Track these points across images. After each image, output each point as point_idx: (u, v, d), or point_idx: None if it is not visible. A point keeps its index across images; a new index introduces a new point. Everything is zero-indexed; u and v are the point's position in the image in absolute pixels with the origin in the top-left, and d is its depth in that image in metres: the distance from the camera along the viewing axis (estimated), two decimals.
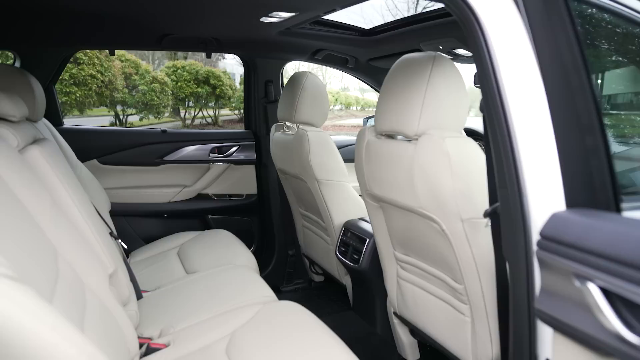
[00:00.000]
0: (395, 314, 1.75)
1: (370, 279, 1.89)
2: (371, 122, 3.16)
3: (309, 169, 1.99)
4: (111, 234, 1.68)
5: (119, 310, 1.29)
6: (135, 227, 2.49)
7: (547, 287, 0.71)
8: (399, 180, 1.35)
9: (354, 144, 2.89)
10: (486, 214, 1.12)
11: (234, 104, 10.24)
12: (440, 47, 1.96)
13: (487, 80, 0.96)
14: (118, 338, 1.23)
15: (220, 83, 9.35)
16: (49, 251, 1.08)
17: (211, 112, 10.27)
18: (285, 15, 1.63)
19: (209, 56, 2.41)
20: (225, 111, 10.67)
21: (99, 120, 7.88)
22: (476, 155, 1.22)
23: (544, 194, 0.89)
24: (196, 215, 2.65)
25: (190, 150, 2.58)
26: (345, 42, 2.28)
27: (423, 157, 1.24)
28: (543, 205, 0.89)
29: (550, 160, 0.87)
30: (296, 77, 2.07)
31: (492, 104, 0.96)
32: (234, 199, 2.71)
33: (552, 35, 0.73)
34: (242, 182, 2.70)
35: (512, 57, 0.93)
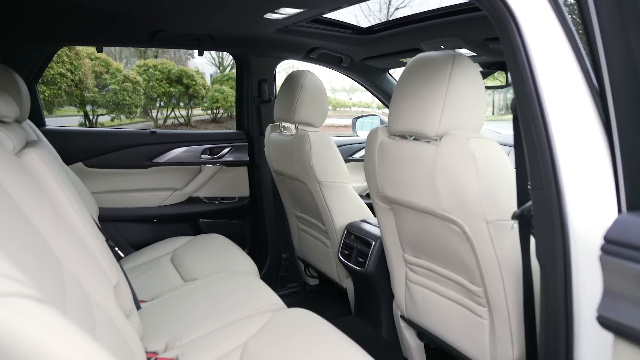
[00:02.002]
0: (402, 317, 1.72)
1: (376, 282, 1.85)
2: (360, 121, 3.15)
3: (310, 171, 1.94)
4: (107, 241, 1.58)
5: (126, 325, 1.21)
6: (124, 233, 2.38)
7: (614, 293, 0.69)
8: (419, 181, 1.32)
9: (345, 144, 2.90)
10: (514, 216, 1.10)
11: (206, 104, 10.10)
12: (442, 47, 1.95)
13: (522, 79, 0.94)
14: (127, 355, 1.15)
15: (194, 82, 9.19)
16: (55, 264, 0.99)
17: (182, 112, 10.07)
18: (292, 11, 1.57)
19: (201, 54, 2.33)
20: (197, 111, 10.50)
21: (67, 120, 7.57)
22: (500, 156, 1.20)
23: (593, 196, 0.88)
24: (187, 220, 2.55)
25: (180, 151, 2.48)
26: (342, 40, 2.25)
27: (447, 158, 1.21)
28: (592, 207, 0.88)
29: (601, 161, 0.85)
30: (294, 76, 2.01)
31: (528, 103, 0.94)
32: (225, 202, 2.62)
33: (623, 32, 0.71)
34: (234, 184, 2.62)
35: (550, 55, 0.92)
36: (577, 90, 0.91)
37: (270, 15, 1.64)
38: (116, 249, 1.64)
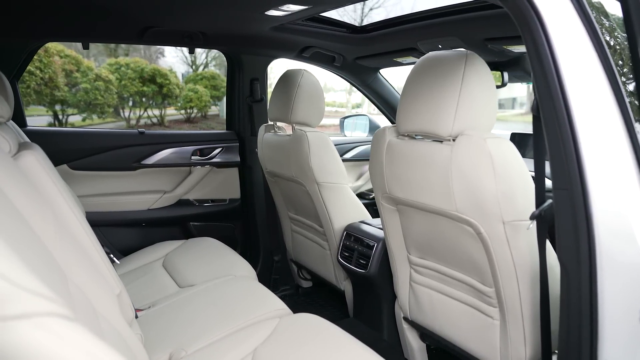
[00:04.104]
0: (405, 318, 1.71)
1: (378, 284, 1.83)
2: (348, 122, 3.12)
3: (308, 172, 1.90)
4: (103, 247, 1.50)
5: (131, 335, 1.15)
6: (112, 237, 2.27)
7: None
8: (432, 182, 1.30)
9: (335, 145, 2.86)
10: (533, 216, 1.09)
11: (179, 104, 9.91)
12: (440, 47, 1.94)
13: (546, 78, 0.94)
14: None
15: (167, 82, 9.00)
16: (60, 275, 0.92)
17: (156, 112, 9.85)
18: (296, 8, 1.52)
19: (191, 52, 2.25)
20: (170, 111, 10.29)
21: (35, 120, 7.26)
22: (516, 156, 1.20)
23: (620, 196, 0.88)
24: (177, 223, 2.47)
25: (169, 152, 2.39)
26: (336, 39, 2.22)
27: (463, 159, 1.20)
28: (619, 207, 0.88)
29: (627, 162, 0.86)
30: (290, 75, 1.97)
31: (553, 103, 0.93)
32: (216, 204, 2.55)
33: None
34: (225, 186, 2.55)
35: (575, 54, 0.92)
36: (601, 89, 0.92)
37: (271, 12, 1.59)
38: (111, 255, 1.56)
